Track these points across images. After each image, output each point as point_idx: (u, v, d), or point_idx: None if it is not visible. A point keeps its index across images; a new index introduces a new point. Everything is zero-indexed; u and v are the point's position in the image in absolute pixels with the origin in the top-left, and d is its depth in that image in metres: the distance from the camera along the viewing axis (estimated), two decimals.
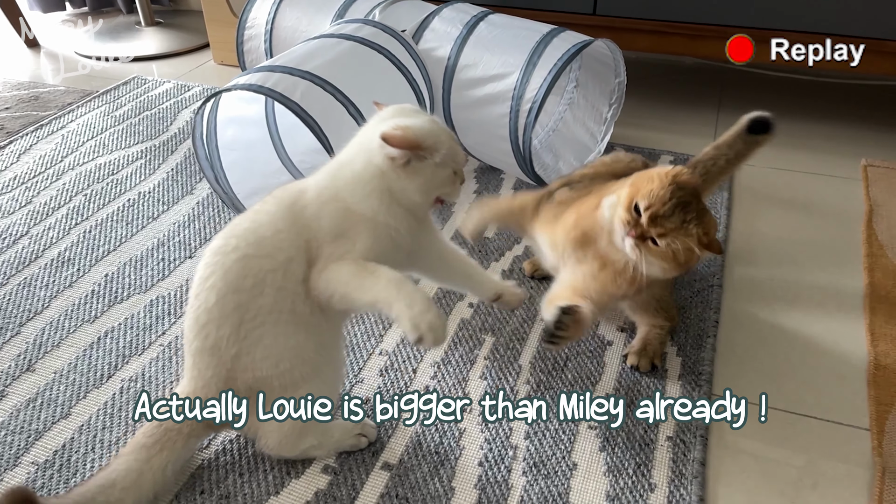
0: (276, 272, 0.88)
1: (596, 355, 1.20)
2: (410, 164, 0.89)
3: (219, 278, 0.88)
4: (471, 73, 1.57)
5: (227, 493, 0.97)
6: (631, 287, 1.05)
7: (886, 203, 1.59)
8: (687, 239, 0.97)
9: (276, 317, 0.88)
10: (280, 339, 0.89)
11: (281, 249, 0.88)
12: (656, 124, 1.97)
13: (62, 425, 1.07)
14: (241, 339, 0.88)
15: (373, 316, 1.27)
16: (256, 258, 0.88)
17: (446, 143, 0.93)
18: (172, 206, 1.59)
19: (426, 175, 0.91)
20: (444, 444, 1.04)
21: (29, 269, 1.39)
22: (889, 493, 0.97)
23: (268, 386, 0.90)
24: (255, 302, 0.87)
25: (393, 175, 0.90)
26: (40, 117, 2.00)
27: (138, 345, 1.21)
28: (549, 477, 0.99)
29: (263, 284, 0.87)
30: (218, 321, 0.88)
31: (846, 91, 2.18)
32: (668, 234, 0.97)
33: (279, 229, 0.89)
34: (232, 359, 0.89)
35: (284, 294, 0.88)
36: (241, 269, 0.87)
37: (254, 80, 1.32)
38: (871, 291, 1.33)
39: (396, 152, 0.88)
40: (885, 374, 1.16)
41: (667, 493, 0.97)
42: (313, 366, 0.93)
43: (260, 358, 0.89)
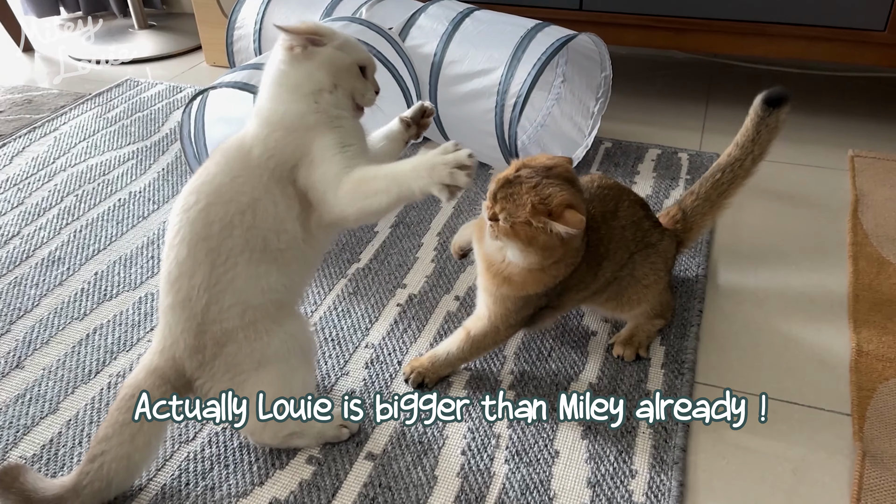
0: (245, 213, 0.90)
1: (580, 345, 1.21)
2: (308, 49, 0.93)
3: (187, 231, 0.90)
4: (457, 69, 1.58)
5: (212, 485, 0.98)
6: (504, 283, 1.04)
7: (872, 193, 1.60)
8: (520, 209, 0.94)
9: (248, 255, 0.90)
10: (251, 280, 0.91)
11: (243, 193, 0.90)
12: (645, 118, 1.98)
13: (50, 420, 1.08)
14: (213, 285, 0.89)
15: (359, 309, 1.28)
16: (219, 205, 0.90)
17: (343, 35, 0.98)
18: (162, 206, 1.61)
19: (325, 55, 0.94)
20: (427, 434, 1.05)
21: (20, 268, 1.41)
22: (869, 476, 0.98)
23: (234, 339, 0.91)
24: (226, 244, 0.89)
25: (293, 66, 0.94)
26: (33, 120, 2.01)
27: (126, 341, 1.23)
28: (532, 465, 1.00)
29: (232, 226, 0.89)
30: (190, 272, 0.89)
31: (834, 83, 2.19)
32: (506, 207, 0.96)
33: (235, 175, 0.92)
34: (202, 310, 0.90)
35: (255, 233, 0.90)
36: (205, 217, 0.89)
37: (239, 77, 1.34)
38: (854, 280, 1.34)
39: (293, 39, 0.93)
40: (867, 361, 1.16)
41: (647, 479, 0.98)
42: (276, 321, 0.93)
43: (228, 305, 0.90)
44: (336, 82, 0.96)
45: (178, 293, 0.90)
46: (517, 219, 0.95)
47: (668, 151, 1.79)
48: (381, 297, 1.32)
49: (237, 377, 0.93)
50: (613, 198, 1.13)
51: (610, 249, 1.10)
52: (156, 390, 0.92)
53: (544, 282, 1.03)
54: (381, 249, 1.45)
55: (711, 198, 1.26)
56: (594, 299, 1.16)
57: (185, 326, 0.91)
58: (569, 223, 0.93)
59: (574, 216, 0.94)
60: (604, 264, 1.10)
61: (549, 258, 1.00)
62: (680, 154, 1.78)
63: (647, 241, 1.15)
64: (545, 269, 1.02)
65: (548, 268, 1.02)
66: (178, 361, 0.92)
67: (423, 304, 1.30)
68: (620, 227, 1.12)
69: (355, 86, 0.98)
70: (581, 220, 0.94)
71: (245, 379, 0.93)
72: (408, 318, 1.27)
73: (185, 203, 0.92)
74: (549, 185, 0.95)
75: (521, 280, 1.03)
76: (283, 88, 0.95)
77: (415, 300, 1.31)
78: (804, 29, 1.73)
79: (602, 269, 1.10)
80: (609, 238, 1.10)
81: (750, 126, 1.23)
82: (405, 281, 1.36)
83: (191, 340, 0.91)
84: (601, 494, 0.96)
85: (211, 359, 0.92)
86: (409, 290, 1.34)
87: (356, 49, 0.99)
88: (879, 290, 1.31)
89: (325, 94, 0.95)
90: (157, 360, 0.93)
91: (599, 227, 1.09)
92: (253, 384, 0.93)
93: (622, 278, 1.13)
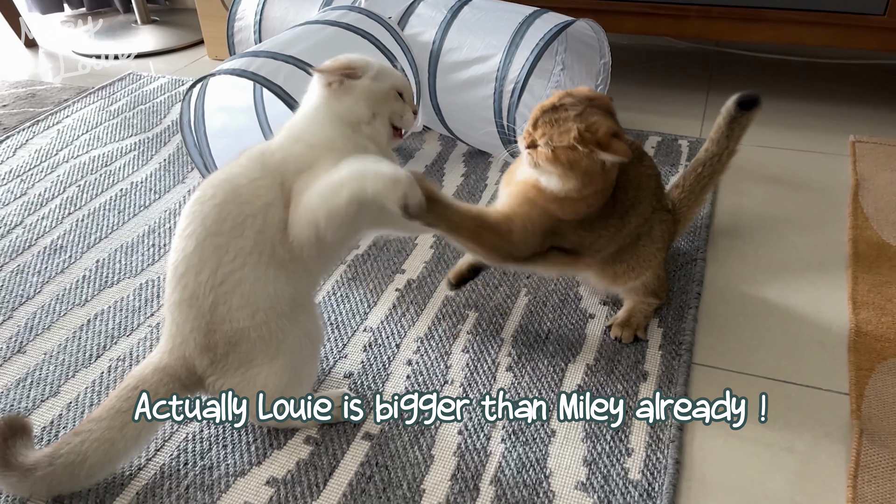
0: (256, 216, 0.89)
1: (578, 328, 1.21)
2: (345, 84, 0.97)
3: (198, 225, 0.89)
4: (455, 57, 1.58)
5: (210, 465, 0.99)
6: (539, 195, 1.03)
7: (873, 177, 1.60)
8: (563, 135, 0.96)
9: (257, 258, 0.89)
10: (259, 284, 0.89)
11: (258, 196, 0.90)
12: (645, 107, 1.98)
13: (51, 403, 1.09)
14: (218, 284, 0.88)
15: (358, 294, 1.29)
16: (234, 204, 0.89)
17: (377, 64, 1.01)
18: (164, 195, 1.62)
19: (363, 87, 0.98)
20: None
21: (22, 256, 1.42)
22: (866, 454, 0.98)
23: (246, 338, 0.90)
24: (235, 243, 0.88)
25: (334, 98, 0.98)
26: (37, 113, 2.02)
27: (127, 326, 1.23)
28: (528, 444, 1.00)
29: (243, 227, 0.89)
30: (197, 267, 0.89)
31: (835, 71, 2.18)
32: (547, 133, 0.98)
33: (255, 177, 0.92)
34: (210, 308, 0.89)
35: (264, 237, 0.90)
36: (218, 214, 0.89)
37: (237, 64, 1.34)
38: (854, 262, 1.33)
39: (330, 76, 0.97)
40: (866, 341, 1.16)
41: (643, 457, 0.98)
42: (290, 318, 0.93)
43: (237, 307, 0.89)
44: (375, 111, 0.99)
45: (184, 289, 0.90)
46: (560, 143, 0.97)
47: (668, 138, 1.79)
48: (379, 282, 1.33)
49: (250, 371, 0.92)
50: (637, 148, 1.14)
51: (638, 198, 1.11)
52: (162, 388, 0.91)
53: (577, 210, 1.03)
54: (380, 237, 1.45)
55: (695, 191, 1.30)
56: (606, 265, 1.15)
57: (195, 325, 0.90)
58: (616, 151, 0.96)
59: (620, 145, 0.96)
60: (630, 213, 1.10)
61: (589, 186, 1.00)
62: (680, 141, 1.78)
63: (664, 205, 1.18)
64: (583, 198, 1.02)
65: (584, 197, 1.02)
66: (189, 360, 0.92)
67: (422, 289, 1.31)
68: (647, 176, 1.13)
69: (394, 108, 1.01)
70: (626, 150, 0.97)
71: (258, 372, 0.93)
72: (406, 302, 1.28)
73: (201, 195, 0.91)
74: (593, 113, 0.98)
75: (556, 203, 1.03)
76: (322, 115, 0.98)
77: (413, 285, 1.32)
78: (803, 14, 1.73)
79: (629, 218, 1.10)
80: (637, 184, 1.11)
81: (723, 124, 1.28)
82: (404, 267, 1.37)
83: (201, 339, 0.90)
84: (597, 472, 0.96)
85: (223, 356, 0.91)
86: (407, 276, 1.34)
87: (392, 76, 1.03)
88: (879, 272, 1.31)
89: (363, 125, 0.98)
90: (166, 358, 0.92)
91: (628, 170, 1.10)
92: (265, 377, 0.93)
93: (641, 235, 1.14)
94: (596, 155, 0.97)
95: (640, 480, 0.95)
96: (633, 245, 1.13)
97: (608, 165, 1.00)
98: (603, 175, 1.01)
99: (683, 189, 1.30)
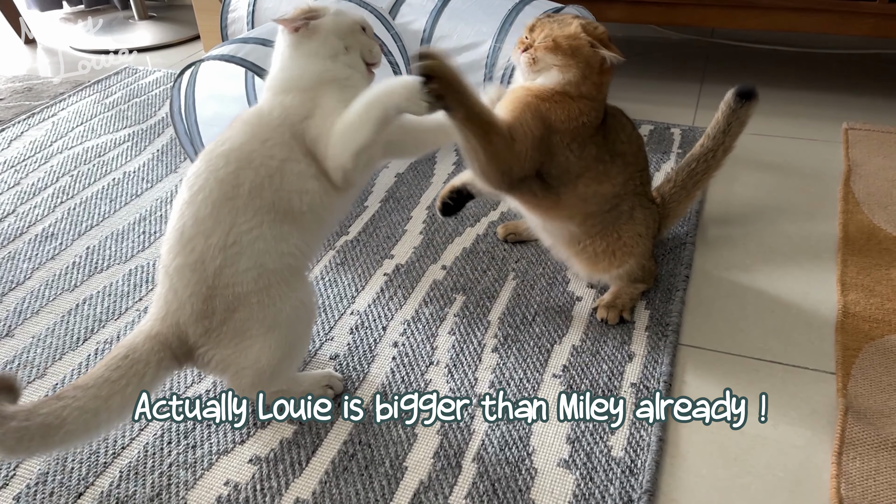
0: (273, 177, 0.91)
1: (564, 310, 1.21)
2: (310, 26, 0.98)
3: (213, 188, 0.89)
4: (445, 44, 1.58)
5: (193, 443, 0.99)
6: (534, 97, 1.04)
7: (865, 163, 1.59)
8: (565, 27, 1.02)
9: (273, 216, 0.90)
10: (272, 242, 0.90)
11: (272, 157, 0.91)
12: (638, 96, 1.98)
13: (37, 384, 1.09)
14: (230, 245, 0.88)
15: (346, 279, 1.29)
16: (250, 169, 0.90)
17: (335, 5, 1.04)
18: (156, 184, 1.62)
19: (328, 23, 0.99)
20: (409, 394, 1.05)
21: (13, 244, 1.42)
22: (851, 431, 0.97)
23: (246, 304, 0.90)
24: (253, 204, 0.90)
25: (305, 41, 0.98)
26: (33, 106, 2.03)
27: (115, 310, 1.24)
28: (512, 422, 1.00)
29: (262, 188, 0.90)
30: (209, 231, 0.88)
31: (828, 60, 2.17)
32: (546, 29, 1.03)
33: (266, 138, 0.92)
34: (215, 272, 0.88)
35: (282, 195, 0.91)
36: (234, 179, 0.90)
37: (226, 50, 1.35)
38: (844, 245, 1.33)
39: (294, 22, 0.98)
40: (854, 322, 1.16)
41: (627, 435, 0.98)
42: (290, 286, 0.93)
43: (244, 269, 0.89)
44: (346, 44, 1.00)
45: (190, 253, 0.89)
46: (563, 32, 1.01)
47: (660, 127, 1.79)
48: (368, 267, 1.33)
49: (243, 342, 0.91)
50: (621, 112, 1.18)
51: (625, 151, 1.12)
52: (153, 356, 0.89)
53: (570, 112, 1.03)
54: (370, 223, 1.45)
55: (687, 186, 1.30)
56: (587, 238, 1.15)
57: (194, 290, 0.89)
58: (614, 50, 1.01)
59: (616, 49, 1.01)
60: (617, 160, 1.11)
61: (587, 81, 1.03)
62: (672, 129, 1.78)
63: (647, 191, 1.19)
64: (579, 96, 1.04)
65: (580, 96, 1.04)
66: (182, 327, 0.90)
67: (410, 274, 1.31)
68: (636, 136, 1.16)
69: (363, 43, 1.03)
70: (621, 54, 1.01)
71: (251, 345, 0.91)
72: (394, 286, 1.28)
73: (212, 165, 0.91)
74: (590, 23, 1.04)
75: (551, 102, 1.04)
76: (298, 55, 0.99)
77: (402, 270, 1.32)
78: (795, 0, 1.72)
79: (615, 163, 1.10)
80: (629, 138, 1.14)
81: (721, 118, 1.29)
82: (393, 252, 1.37)
83: (199, 305, 0.89)
84: (580, 450, 0.96)
85: (219, 325, 0.90)
86: (396, 261, 1.34)
87: (352, 11, 1.05)
88: (869, 254, 1.30)
89: (341, 56, 0.99)
90: (158, 325, 0.91)
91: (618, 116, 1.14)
92: (258, 350, 0.91)
93: (622, 214, 1.14)
94: (597, 48, 1.00)
95: (622, 457, 0.95)
96: (613, 223, 1.13)
97: (607, 65, 1.03)
98: (599, 76, 1.03)
99: (675, 184, 1.30)
